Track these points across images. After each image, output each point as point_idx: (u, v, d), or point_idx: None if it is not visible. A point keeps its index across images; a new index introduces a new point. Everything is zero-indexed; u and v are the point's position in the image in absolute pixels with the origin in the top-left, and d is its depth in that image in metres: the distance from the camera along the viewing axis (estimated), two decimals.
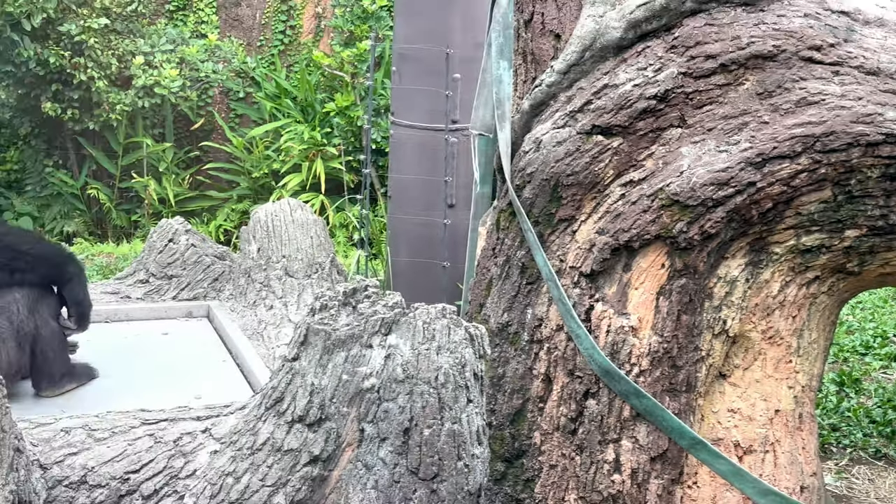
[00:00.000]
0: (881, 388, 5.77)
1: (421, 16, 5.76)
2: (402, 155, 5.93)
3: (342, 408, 2.98)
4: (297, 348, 3.07)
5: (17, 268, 3.97)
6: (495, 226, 3.86)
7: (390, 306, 3.09)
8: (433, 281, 5.70)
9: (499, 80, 3.93)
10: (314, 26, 11.37)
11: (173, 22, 11.15)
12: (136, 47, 10.24)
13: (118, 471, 3.14)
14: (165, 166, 10.52)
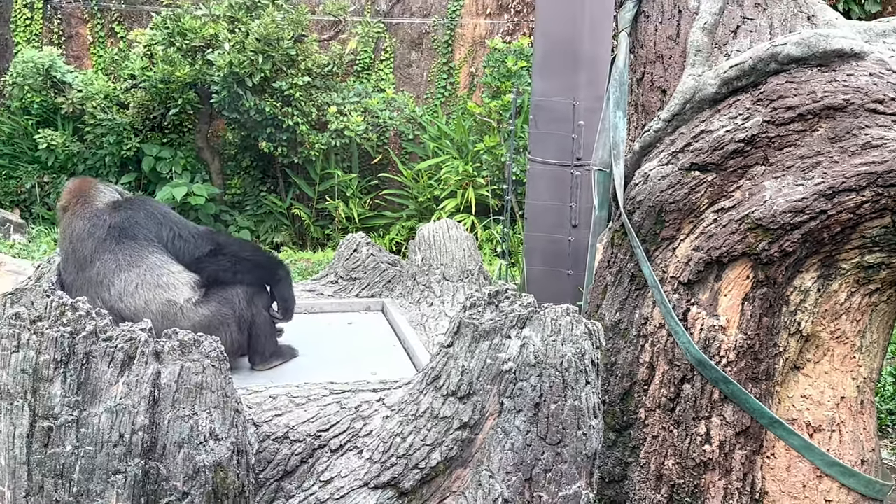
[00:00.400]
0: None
1: (554, 75, 5.74)
2: (536, 185, 5.91)
3: (486, 385, 2.99)
4: (452, 337, 3.08)
5: (239, 270, 4.05)
6: (610, 243, 3.82)
7: (525, 305, 3.08)
8: (560, 286, 5.67)
9: (615, 126, 3.89)
10: (469, 82, 11.42)
11: (360, 79, 11.31)
12: (331, 99, 10.43)
13: (312, 429, 3.19)
14: (352, 192, 10.68)
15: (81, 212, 3.98)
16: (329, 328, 4.95)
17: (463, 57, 11.44)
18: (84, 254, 3.90)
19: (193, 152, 10.81)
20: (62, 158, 10.59)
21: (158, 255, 3.92)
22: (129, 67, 10.52)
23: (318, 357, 4.48)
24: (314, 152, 10.31)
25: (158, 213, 4.03)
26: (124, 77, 10.77)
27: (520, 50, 10.24)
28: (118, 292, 3.82)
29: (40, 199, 10.75)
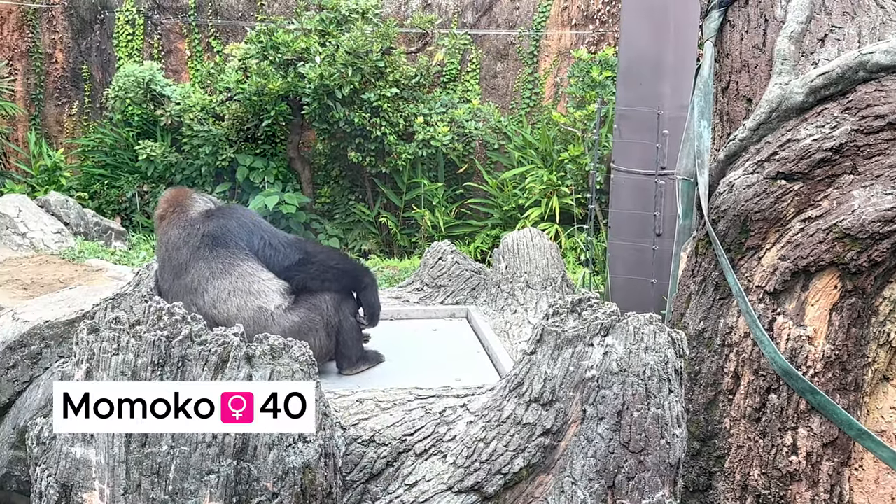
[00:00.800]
0: None
1: (638, 84, 5.69)
2: (620, 194, 5.87)
3: (569, 392, 2.97)
4: (535, 344, 3.07)
5: (327, 278, 4.10)
6: (694, 252, 3.77)
7: (608, 314, 3.06)
8: (643, 295, 5.61)
9: (700, 135, 3.84)
10: (553, 92, 11.38)
11: (446, 90, 11.37)
12: (418, 110, 10.49)
13: (398, 433, 3.21)
14: (437, 201, 10.72)
15: (177, 221, 4.08)
16: (414, 334, 4.98)
17: (548, 67, 11.41)
18: (179, 261, 3.99)
19: (285, 162, 10.99)
20: (161, 168, 10.87)
21: (250, 262, 3.99)
22: (225, 80, 10.75)
23: (403, 362, 4.50)
24: (401, 162, 10.39)
25: (250, 222, 4.11)
26: (220, 90, 11.01)
27: (605, 60, 10.17)
28: (212, 299, 3.90)
29: (140, 207, 11.05)
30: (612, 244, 5.95)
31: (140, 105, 10.82)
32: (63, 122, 11.99)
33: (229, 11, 11.53)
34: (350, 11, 10.19)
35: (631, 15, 5.79)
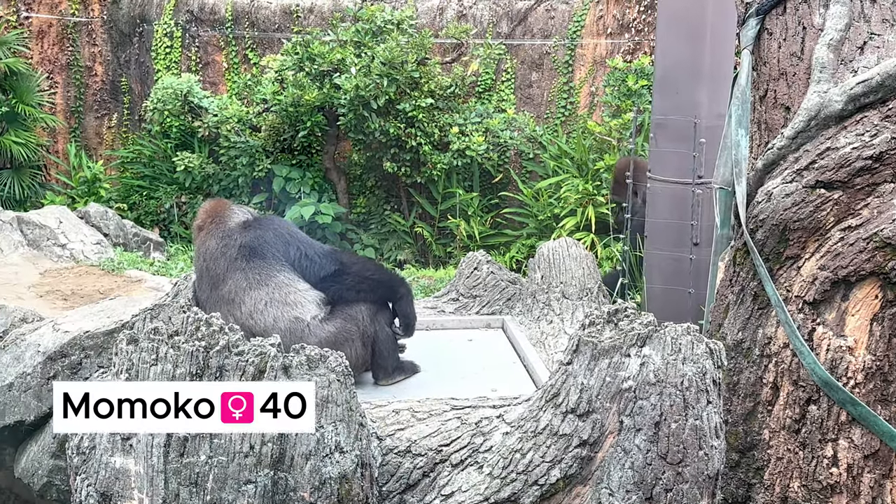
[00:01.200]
0: None
1: (674, 93, 5.66)
2: (657, 203, 5.84)
3: (605, 403, 2.96)
4: (571, 355, 3.07)
5: (362, 289, 4.13)
6: (732, 261, 3.75)
7: (645, 324, 3.05)
8: (680, 305, 5.57)
9: (737, 144, 3.82)
10: (589, 102, 11.35)
11: (481, 100, 11.37)
12: (453, 120, 10.50)
13: (434, 444, 3.22)
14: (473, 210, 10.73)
15: (215, 231, 4.12)
16: (450, 344, 4.98)
17: (583, 76, 11.39)
18: (217, 272, 4.03)
19: (321, 173, 11.04)
20: (198, 179, 10.97)
21: (286, 273, 4.02)
22: (261, 92, 10.83)
23: (439, 373, 4.51)
24: (436, 172, 10.41)
25: (286, 233, 4.14)
26: (256, 101, 11.09)
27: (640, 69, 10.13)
28: (249, 310, 3.94)
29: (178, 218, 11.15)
30: (649, 254, 5.92)
31: (178, 117, 10.93)
32: (102, 134, 12.14)
33: (266, 24, 11.63)
34: (385, 22, 10.24)
35: (667, 23, 5.77)
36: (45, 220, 8.90)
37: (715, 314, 3.83)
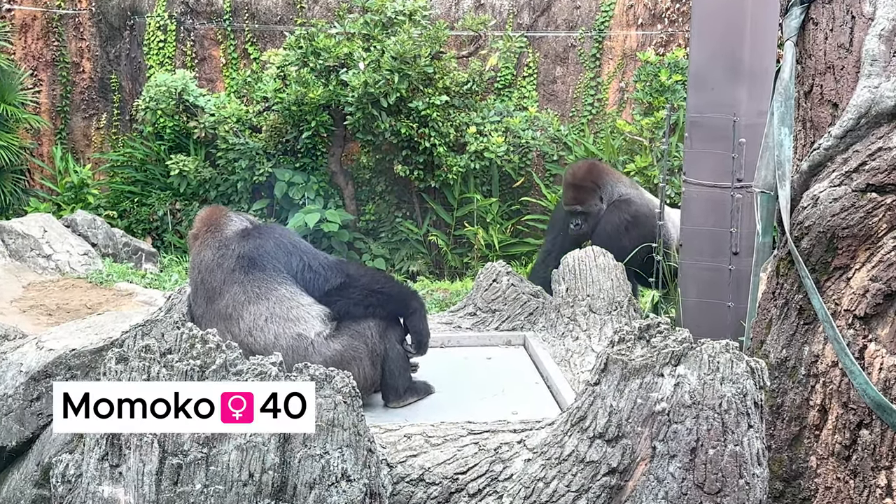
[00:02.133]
0: None
1: (711, 89, 5.65)
2: (692, 209, 5.83)
3: (636, 427, 2.95)
4: (599, 375, 3.06)
5: (371, 303, 4.14)
6: (775, 272, 3.73)
7: (680, 341, 3.04)
8: (718, 319, 5.56)
9: (780, 144, 3.81)
10: (618, 99, 11.35)
11: (500, 97, 11.39)
12: (470, 119, 10.51)
13: (449, 472, 3.22)
14: (492, 217, 10.73)
15: (211, 241, 4.14)
16: (466, 363, 4.98)
17: (612, 71, 11.39)
18: (213, 285, 4.05)
19: (327, 177, 11.07)
20: (194, 185, 11.01)
21: (288, 286, 4.04)
22: (262, 89, 10.87)
23: (454, 394, 4.51)
24: (452, 176, 10.42)
25: (288, 243, 4.16)
26: (257, 99, 11.14)
27: (674, 63, 10.12)
28: (247, 326, 3.95)
29: (172, 226, 11.19)
30: (684, 264, 5.91)
31: (172, 117, 10.98)
32: (90, 135, 12.21)
33: (267, 15, 11.69)
34: (396, 14, 10.27)
35: (703, 13, 5.77)
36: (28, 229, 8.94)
37: (756, 330, 3.82)
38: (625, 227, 6.64)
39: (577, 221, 6.72)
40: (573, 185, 6.82)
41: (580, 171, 6.92)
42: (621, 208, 6.73)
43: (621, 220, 6.66)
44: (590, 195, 6.74)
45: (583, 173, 6.88)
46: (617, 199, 6.78)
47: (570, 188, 6.82)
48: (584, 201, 6.73)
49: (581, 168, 7.02)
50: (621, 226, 6.64)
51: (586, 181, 6.79)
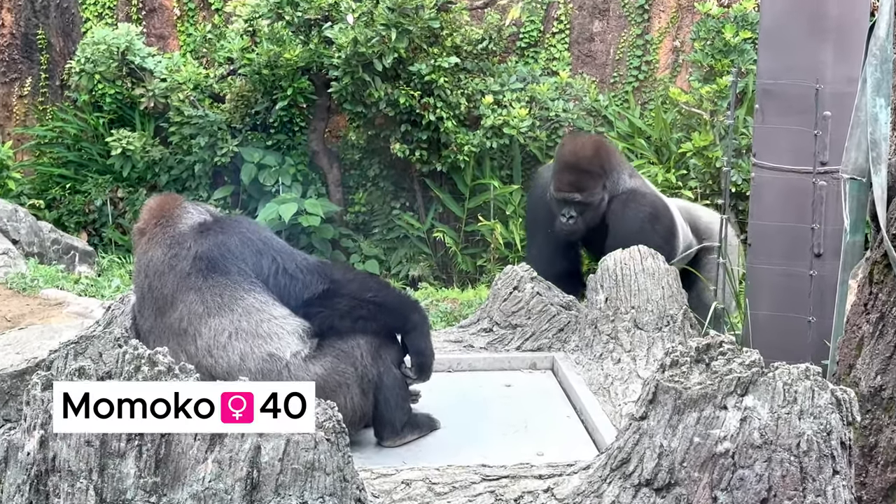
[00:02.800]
0: None
1: (788, 49, 5.64)
2: (763, 199, 5.81)
3: (693, 472, 2.95)
4: (646, 406, 3.06)
5: (360, 315, 4.14)
6: (867, 279, 3.73)
7: (747, 364, 3.03)
8: (796, 337, 5.54)
9: (874, 118, 3.80)
10: (671, 61, 11.35)
11: (524, 59, 11.38)
12: (486, 86, 10.51)
13: None
14: (513, 209, 10.71)
15: (161, 237, 4.14)
16: (480, 392, 4.98)
17: (664, 27, 11.39)
18: (163, 292, 4.05)
19: (306, 158, 11.08)
20: (140, 167, 11.03)
21: (257, 294, 4.04)
22: (226, 48, 10.89)
23: (465, 430, 4.51)
24: (463, 157, 10.42)
25: (257, 239, 4.15)
26: (219, 61, 11.16)
27: (742, 16, 10.12)
28: (206, 344, 3.95)
29: (113, 219, 11.22)
30: (753, 268, 5.90)
31: (113, 83, 11.00)
32: (11, 105, 12.24)
33: None
34: None
35: None
36: None
37: (845, 351, 3.81)
38: (649, 222, 6.59)
39: (571, 213, 6.58)
40: (575, 168, 6.65)
41: (586, 151, 6.77)
42: (638, 200, 6.67)
43: (644, 213, 6.60)
44: (594, 182, 6.61)
45: (590, 153, 6.74)
46: (625, 189, 6.71)
47: (571, 170, 6.65)
48: (586, 188, 6.59)
49: (587, 146, 6.86)
50: (646, 221, 6.57)
51: (593, 164, 6.66)
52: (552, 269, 6.45)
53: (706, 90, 9.90)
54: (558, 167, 6.72)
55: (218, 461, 2.85)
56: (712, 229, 7.16)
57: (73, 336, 4.40)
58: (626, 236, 6.32)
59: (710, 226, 7.24)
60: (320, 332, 4.11)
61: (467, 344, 5.45)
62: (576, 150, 6.77)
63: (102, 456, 2.85)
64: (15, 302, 7.68)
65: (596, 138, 7.24)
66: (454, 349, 5.36)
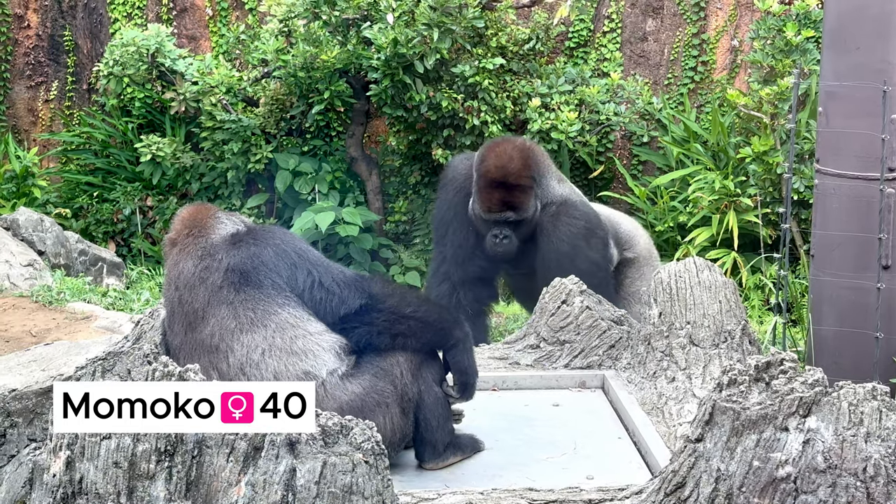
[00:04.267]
0: None
1: (854, 49, 5.62)
2: (828, 207, 5.79)
3: (752, 498, 2.94)
4: (702, 428, 3.05)
5: (399, 332, 4.14)
6: None
7: (810, 384, 3.02)
8: (863, 355, 5.51)
9: None
10: (729, 62, 11.30)
11: (573, 60, 11.36)
12: (533, 88, 10.49)
13: None
14: None
15: (192, 248, 4.16)
16: (527, 411, 4.98)
17: (721, 25, 11.35)
18: (194, 306, 4.07)
19: (344, 164, 11.11)
20: (171, 174, 11.08)
21: (291, 309, 4.05)
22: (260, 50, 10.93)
23: (511, 452, 4.51)
24: None
25: (292, 251, 4.17)
26: (253, 63, 11.20)
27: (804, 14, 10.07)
28: (238, 361, 3.97)
29: (142, 228, 11.29)
30: (817, 281, 5.87)
31: (142, 86, 11.07)
32: (37, 110, 12.35)
33: None
34: None
35: None
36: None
37: None
38: (584, 238, 6.33)
39: (504, 233, 6.27)
40: (503, 184, 6.24)
41: (514, 164, 6.32)
42: (570, 214, 6.38)
43: (576, 229, 6.33)
44: (527, 196, 6.27)
45: (518, 165, 6.31)
46: (554, 198, 6.42)
47: (500, 188, 6.24)
48: (520, 206, 6.26)
49: (514, 158, 6.37)
50: (579, 238, 6.31)
51: (523, 177, 6.28)
52: (464, 273, 6.35)
53: (766, 92, 9.85)
54: (485, 183, 6.34)
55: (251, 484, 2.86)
56: (633, 238, 7.06)
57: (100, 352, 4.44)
58: (559, 258, 6.26)
59: (630, 234, 7.08)
60: (358, 350, 4.12)
61: (513, 361, 5.45)
62: (503, 163, 6.34)
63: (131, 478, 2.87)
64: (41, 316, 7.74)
65: (521, 145, 6.66)
66: (499, 366, 5.36)
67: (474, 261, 6.53)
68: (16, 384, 4.80)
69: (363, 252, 10.64)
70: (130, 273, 10.41)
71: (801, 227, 9.28)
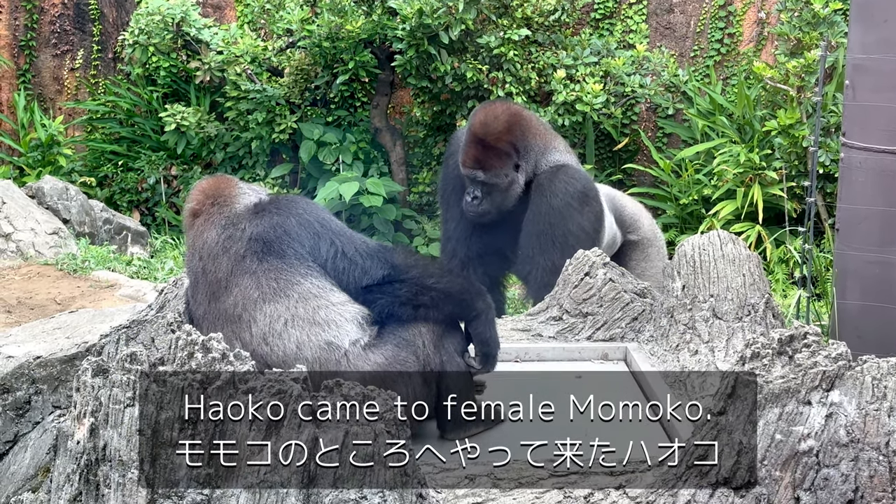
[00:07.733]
0: None
1: (882, 21, 5.58)
2: (853, 181, 5.76)
3: (774, 471, 2.93)
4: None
5: (422, 303, 4.13)
6: None
7: (833, 357, 3.01)
8: (887, 329, 5.49)
9: None
10: (756, 34, 11.24)
11: (598, 32, 11.32)
12: (558, 60, 10.46)
13: None
14: None
15: (216, 218, 4.17)
16: (548, 383, 4.97)
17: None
18: (217, 276, 4.08)
19: (368, 135, 11.11)
20: (195, 144, 11.10)
21: (314, 279, 4.05)
22: (285, 20, 10.93)
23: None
24: None
25: (315, 221, 4.17)
26: (278, 33, 11.20)
27: None
28: (261, 331, 3.98)
29: (166, 198, 11.31)
30: (842, 255, 5.85)
31: (168, 55, 11.09)
32: (62, 78, 12.37)
33: None
34: None
35: None
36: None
37: None
38: (578, 200, 6.19)
39: (476, 193, 6.16)
40: (481, 142, 6.11)
41: (497, 125, 6.17)
42: (570, 174, 6.26)
43: (573, 189, 6.19)
44: (501, 161, 6.14)
45: (501, 128, 6.16)
46: (556, 164, 6.29)
47: (477, 144, 6.12)
48: (491, 167, 6.11)
49: (499, 119, 6.22)
50: (573, 198, 6.17)
51: (502, 141, 6.13)
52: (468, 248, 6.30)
53: (793, 65, 9.79)
54: (467, 138, 6.23)
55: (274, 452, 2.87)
56: (637, 221, 7.00)
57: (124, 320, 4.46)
58: (548, 211, 6.15)
59: (634, 217, 7.01)
60: (380, 320, 4.12)
61: (536, 333, 5.44)
62: (486, 121, 6.20)
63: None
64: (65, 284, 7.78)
65: (513, 109, 6.46)
66: (521, 338, 5.36)
67: (479, 235, 6.43)
68: (40, 352, 4.83)
69: (387, 223, 10.65)
70: (154, 242, 10.45)
71: (826, 200, 9.24)
